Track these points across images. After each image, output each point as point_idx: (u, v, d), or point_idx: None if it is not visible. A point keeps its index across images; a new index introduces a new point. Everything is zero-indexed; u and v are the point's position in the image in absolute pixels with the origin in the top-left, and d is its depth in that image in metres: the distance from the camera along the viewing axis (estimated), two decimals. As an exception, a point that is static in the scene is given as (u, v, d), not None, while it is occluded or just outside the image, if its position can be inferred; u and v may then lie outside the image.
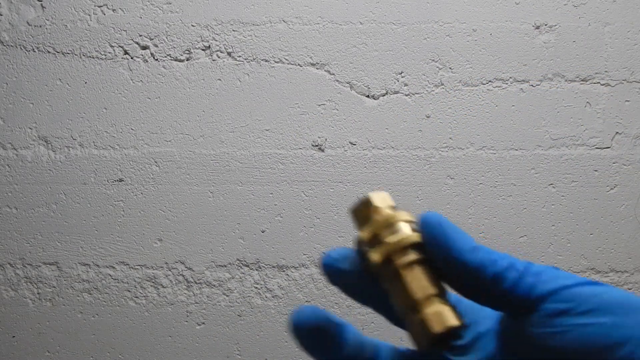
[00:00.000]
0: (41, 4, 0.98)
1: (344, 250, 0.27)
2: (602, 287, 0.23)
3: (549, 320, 0.23)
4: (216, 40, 0.97)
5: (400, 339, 0.81)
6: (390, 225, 0.26)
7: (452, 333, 0.25)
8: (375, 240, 0.26)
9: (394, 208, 0.28)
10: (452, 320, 0.25)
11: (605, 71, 0.96)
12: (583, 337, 0.22)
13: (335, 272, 0.27)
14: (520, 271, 0.24)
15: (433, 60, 0.96)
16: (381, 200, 0.28)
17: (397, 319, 0.28)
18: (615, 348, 0.22)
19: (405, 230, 0.26)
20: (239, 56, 0.96)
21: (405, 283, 0.25)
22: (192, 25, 0.97)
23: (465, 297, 0.26)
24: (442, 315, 0.25)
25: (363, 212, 0.28)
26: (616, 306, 0.23)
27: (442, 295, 0.26)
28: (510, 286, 0.24)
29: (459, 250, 0.25)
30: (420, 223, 0.26)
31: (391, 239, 0.26)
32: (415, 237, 0.26)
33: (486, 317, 0.27)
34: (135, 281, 0.91)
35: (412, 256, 0.26)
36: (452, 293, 0.27)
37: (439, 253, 0.25)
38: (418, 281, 0.25)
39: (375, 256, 0.26)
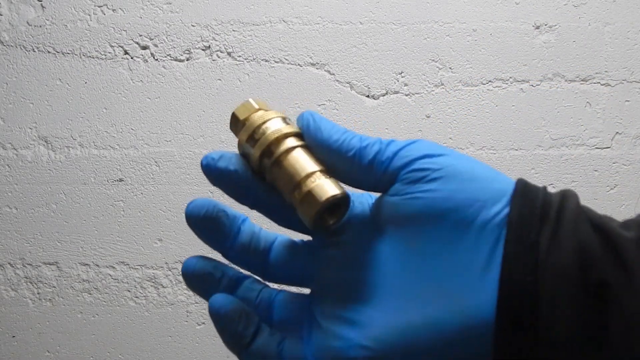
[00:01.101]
0: (41, 4, 0.98)
1: (223, 152, 0.28)
2: (457, 159, 0.24)
3: (404, 187, 0.24)
4: (216, 40, 0.97)
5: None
6: (263, 122, 0.27)
7: (337, 204, 0.26)
8: (253, 139, 0.27)
9: (266, 110, 0.29)
10: (334, 190, 0.26)
11: (605, 71, 0.96)
12: (431, 201, 0.24)
13: (214, 171, 0.28)
14: (384, 144, 0.25)
15: (433, 60, 0.96)
16: (250, 107, 0.29)
17: (283, 219, 0.28)
18: (459, 210, 0.23)
19: (279, 123, 0.27)
20: (239, 56, 0.96)
21: (287, 167, 0.26)
22: (192, 25, 0.97)
23: (341, 182, 0.27)
24: (323, 187, 0.26)
25: (239, 120, 0.29)
26: (464, 174, 0.24)
27: (323, 172, 0.26)
28: (372, 159, 0.25)
29: (329, 131, 0.26)
30: (297, 119, 0.28)
31: (267, 133, 0.27)
32: (288, 128, 0.27)
33: (362, 202, 0.28)
34: (135, 281, 0.91)
35: (289, 143, 0.27)
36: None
37: (310, 137, 0.27)
38: (298, 162, 0.26)
39: (255, 151, 0.27)
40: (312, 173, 0.26)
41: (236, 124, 0.29)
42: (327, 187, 0.26)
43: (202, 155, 0.29)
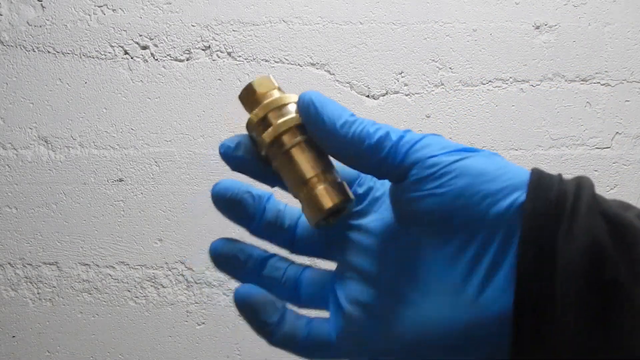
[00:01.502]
0: (41, 4, 0.98)
1: (238, 139, 0.28)
2: (469, 154, 0.25)
3: (415, 185, 0.24)
4: (216, 40, 0.97)
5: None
6: (278, 107, 0.27)
7: (342, 206, 0.26)
8: (264, 123, 0.27)
9: (280, 90, 0.28)
10: (338, 197, 0.26)
11: (605, 71, 0.96)
12: (442, 199, 0.24)
13: (233, 159, 0.28)
14: (394, 140, 0.25)
15: (433, 60, 0.96)
16: (268, 83, 0.28)
17: None
18: (470, 206, 0.23)
19: (293, 111, 0.26)
20: (239, 56, 0.96)
21: (295, 162, 0.26)
22: (192, 25, 0.97)
23: (352, 168, 0.27)
24: (328, 192, 0.26)
25: (251, 96, 0.28)
26: (475, 169, 0.24)
27: (330, 172, 0.26)
28: (385, 155, 0.25)
29: (333, 126, 0.25)
30: (297, 102, 0.26)
31: (280, 120, 0.26)
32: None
33: (384, 183, 0.28)
34: (135, 281, 0.91)
35: (299, 136, 0.26)
36: None
37: (314, 131, 0.26)
38: (307, 160, 0.26)
39: (265, 138, 0.26)
40: (318, 174, 0.26)
41: (249, 97, 0.28)
42: (330, 194, 0.26)
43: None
